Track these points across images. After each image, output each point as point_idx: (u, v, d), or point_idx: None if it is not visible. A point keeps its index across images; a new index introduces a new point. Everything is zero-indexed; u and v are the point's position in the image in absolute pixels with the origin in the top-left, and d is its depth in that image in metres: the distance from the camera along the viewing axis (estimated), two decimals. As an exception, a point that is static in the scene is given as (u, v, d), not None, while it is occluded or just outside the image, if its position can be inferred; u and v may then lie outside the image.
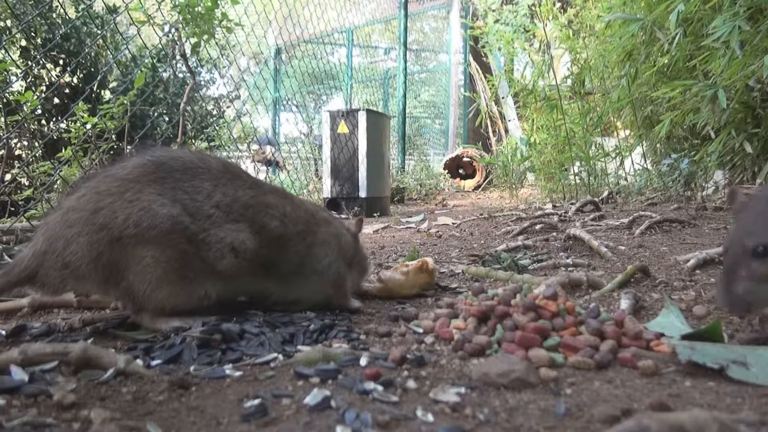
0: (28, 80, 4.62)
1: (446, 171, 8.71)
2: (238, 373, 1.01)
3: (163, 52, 5.37)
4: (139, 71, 3.79)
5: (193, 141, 5.54)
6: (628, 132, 5.43)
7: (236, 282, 1.37)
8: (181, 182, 1.29)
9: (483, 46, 8.00)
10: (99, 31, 4.94)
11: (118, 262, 1.23)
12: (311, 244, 1.45)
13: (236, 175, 1.40)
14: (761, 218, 1.14)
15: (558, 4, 6.22)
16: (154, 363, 1.07)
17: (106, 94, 5.13)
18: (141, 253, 1.23)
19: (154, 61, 5.47)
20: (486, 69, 9.58)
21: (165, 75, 5.71)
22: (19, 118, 3.41)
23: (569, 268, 1.99)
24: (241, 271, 1.34)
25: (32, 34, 4.53)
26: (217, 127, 5.77)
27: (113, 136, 3.60)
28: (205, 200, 1.30)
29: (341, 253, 1.51)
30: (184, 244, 1.26)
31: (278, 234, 1.39)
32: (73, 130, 3.45)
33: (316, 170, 7.21)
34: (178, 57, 3.87)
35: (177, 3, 3.57)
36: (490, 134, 9.64)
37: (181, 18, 3.56)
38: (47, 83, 4.70)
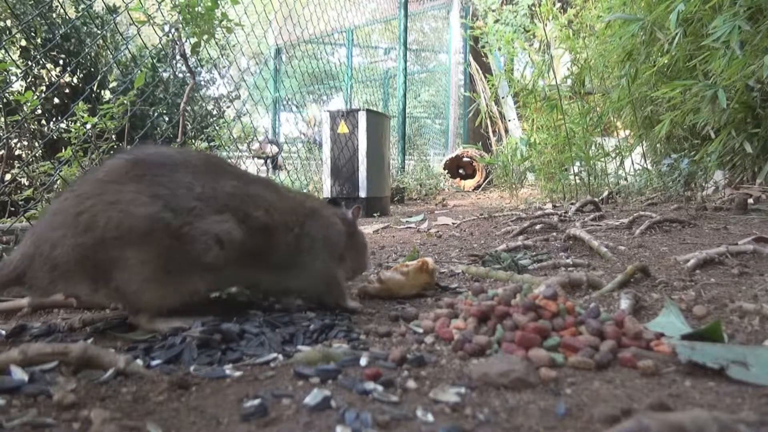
0: (28, 80, 4.62)
1: (446, 171, 8.71)
2: (238, 373, 1.01)
3: (163, 52, 5.37)
4: (139, 71, 3.79)
5: (193, 141, 5.54)
6: (628, 132, 5.43)
7: (224, 273, 1.35)
8: (160, 177, 1.27)
9: (483, 46, 8.01)
10: (99, 31, 4.94)
11: (105, 264, 1.22)
12: (299, 236, 1.44)
13: (218, 166, 1.38)
14: None
15: (558, 4, 6.22)
16: (154, 363, 1.07)
17: (106, 94, 5.13)
18: (125, 254, 1.22)
19: (154, 61, 5.47)
20: (486, 69, 9.58)
21: (165, 75, 5.71)
22: (19, 118, 3.42)
23: (569, 268, 1.99)
24: (229, 262, 1.32)
25: (32, 34, 4.53)
26: (217, 127, 5.77)
27: (113, 136, 3.60)
28: (186, 192, 1.27)
29: (329, 245, 1.50)
30: (168, 240, 1.24)
31: (263, 223, 1.38)
32: (73, 130, 3.45)
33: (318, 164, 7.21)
34: (178, 57, 3.87)
35: (177, 3, 3.57)
36: (490, 134, 9.64)
37: (181, 18, 3.56)
38: (47, 83, 4.70)
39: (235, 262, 1.34)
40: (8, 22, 4.44)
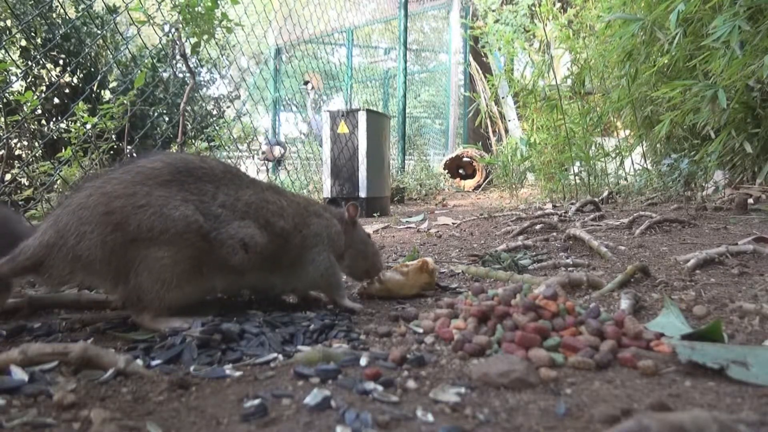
0: (28, 80, 4.61)
1: (446, 171, 8.71)
2: (238, 373, 1.01)
3: (163, 52, 5.37)
4: (139, 71, 3.79)
5: (193, 141, 5.54)
6: (628, 132, 5.43)
7: (245, 276, 1.41)
8: (187, 184, 1.32)
9: (483, 46, 8.00)
10: (99, 31, 4.94)
11: (133, 261, 1.25)
12: (306, 236, 1.50)
13: (235, 175, 1.44)
14: None
15: (558, 4, 6.22)
16: (154, 363, 1.07)
17: (106, 94, 5.13)
18: (158, 254, 1.25)
19: (154, 61, 5.46)
20: (486, 69, 9.58)
21: (165, 75, 5.70)
22: (19, 118, 3.41)
23: (569, 268, 1.99)
24: (251, 266, 1.39)
25: (32, 34, 4.52)
26: (217, 127, 5.77)
27: (113, 136, 3.60)
28: (211, 201, 1.34)
29: (331, 244, 1.55)
30: (200, 241, 1.30)
31: (280, 228, 1.44)
32: (73, 130, 3.45)
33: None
34: (178, 57, 3.87)
35: (177, 3, 3.56)
36: (490, 134, 9.63)
37: (181, 18, 3.56)
38: (47, 83, 4.70)
39: (256, 265, 1.40)
40: (8, 22, 4.44)
